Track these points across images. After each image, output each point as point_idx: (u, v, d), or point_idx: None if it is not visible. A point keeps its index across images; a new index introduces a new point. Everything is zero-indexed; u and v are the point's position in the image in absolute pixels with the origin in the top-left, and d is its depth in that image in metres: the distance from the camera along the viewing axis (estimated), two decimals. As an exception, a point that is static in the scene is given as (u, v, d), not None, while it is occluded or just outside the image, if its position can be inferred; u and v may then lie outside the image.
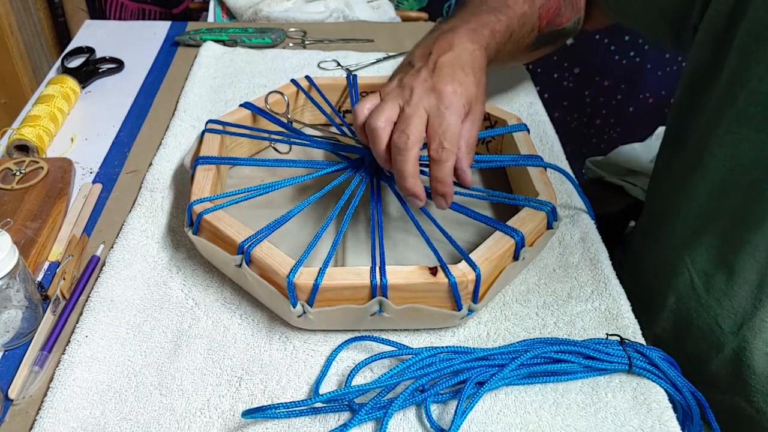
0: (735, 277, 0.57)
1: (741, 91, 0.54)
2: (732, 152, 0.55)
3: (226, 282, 0.55)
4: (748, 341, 0.56)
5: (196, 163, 0.59)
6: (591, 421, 0.46)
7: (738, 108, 0.55)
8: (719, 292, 0.58)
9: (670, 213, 0.65)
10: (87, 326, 0.51)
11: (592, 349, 0.48)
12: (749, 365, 0.56)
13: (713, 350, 0.59)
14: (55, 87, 0.77)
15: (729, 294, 0.57)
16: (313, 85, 0.71)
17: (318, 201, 0.58)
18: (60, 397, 0.46)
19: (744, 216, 0.55)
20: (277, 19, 1.02)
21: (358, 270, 0.48)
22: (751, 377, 0.56)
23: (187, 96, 0.78)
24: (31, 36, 1.47)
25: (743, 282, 0.56)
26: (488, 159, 0.62)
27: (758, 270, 0.55)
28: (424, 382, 0.46)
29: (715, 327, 0.59)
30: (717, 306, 0.58)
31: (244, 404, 0.46)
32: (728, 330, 0.58)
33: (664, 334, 0.65)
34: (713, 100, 0.58)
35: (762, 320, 0.55)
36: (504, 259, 0.51)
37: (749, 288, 0.56)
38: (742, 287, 0.56)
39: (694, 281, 0.60)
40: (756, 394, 0.57)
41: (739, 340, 0.57)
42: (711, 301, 0.59)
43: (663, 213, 0.67)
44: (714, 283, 0.59)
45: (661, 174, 0.69)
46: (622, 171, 0.95)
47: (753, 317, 0.56)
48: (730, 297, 0.57)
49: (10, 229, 0.58)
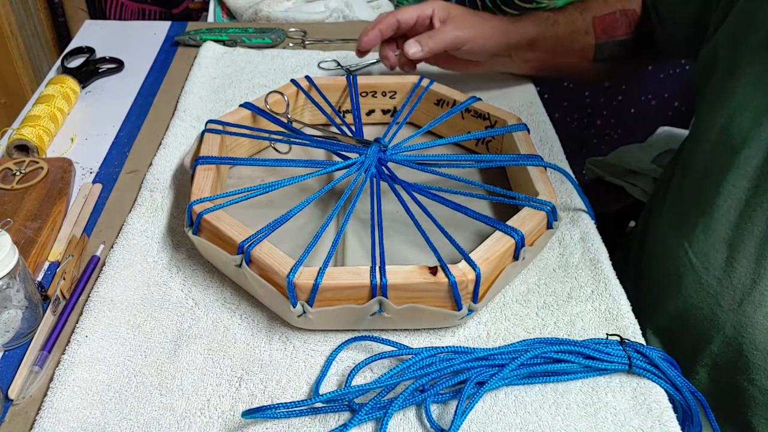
0: (735, 254, 0.57)
1: (736, 72, 0.58)
2: (725, 130, 0.58)
3: (226, 282, 0.55)
4: (749, 316, 0.56)
5: (196, 163, 0.59)
6: (591, 421, 0.46)
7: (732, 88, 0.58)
8: (719, 270, 0.58)
9: (671, 201, 0.66)
10: (87, 326, 0.51)
11: (592, 349, 0.48)
12: (751, 341, 0.56)
13: (714, 330, 0.59)
14: (55, 87, 0.77)
15: (728, 271, 0.58)
16: (313, 85, 0.71)
17: (318, 201, 0.58)
18: (60, 397, 0.46)
19: (739, 193, 0.56)
20: (277, 19, 1.02)
21: (358, 270, 0.48)
22: (753, 353, 0.56)
23: (187, 96, 0.78)
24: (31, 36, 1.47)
25: (742, 257, 0.57)
26: (488, 159, 0.62)
27: (756, 244, 0.55)
28: (424, 382, 0.46)
29: (715, 306, 0.59)
30: (717, 285, 0.59)
31: (244, 404, 0.46)
32: (728, 308, 0.58)
33: (665, 324, 0.65)
34: (712, 82, 0.61)
35: (761, 293, 0.55)
36: (504, 258, 0.51)
37: (748, 263, 0.56)
38: (741, 263, 0.57)
39: (693, 263, 0.61)
40: (758, 372, 0.57)
41: (740, 316, 0.57)
42: (711, 280, 0.59)
43: (663, 201, 0.68)
44: (713, 261, 0.59)
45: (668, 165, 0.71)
46: (623, 171, 0.95)
47: (753, 291, 0.56)
48: (730, 274, 0.58)
49: (10, 229, 0.58)
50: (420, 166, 0.60)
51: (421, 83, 0.72)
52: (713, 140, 0.60)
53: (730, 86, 0.59)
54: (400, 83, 0.73)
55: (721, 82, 0.61)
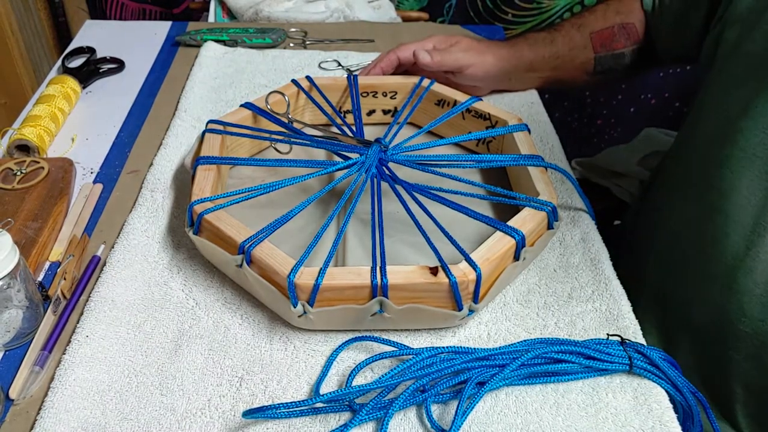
0: (728, 222, 0.57)
1: (732, 53, 0.60)
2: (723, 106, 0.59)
3: (227, 282, 0.55)
4: (738, 281, 0.56)
5: (197, 163, 0.59)
6: (592, 421, 0.46)
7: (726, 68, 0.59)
8: (711, 240, 0.58)
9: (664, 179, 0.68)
10: (88, 326, 0.51)
11: (593, 350, 0.48)
12: (740, 308, 0.56)
13: (700, 300, 0.59)
14: (55, 87, 0.77)
15: (722, 239, 0.58)
16: (314, 85, 0.71)
17: (318, 201, 0.58)
18: (60, 397, 0.46)
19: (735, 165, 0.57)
20: (277, 19, 1.02)
21: (359, 270, 0.48)
22: (741, 320, 0.56)
23: (187, 96, 0.78)
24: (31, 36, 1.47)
25: (736, 226, 0.56)
26: (489, 159, 0.62)
27: (752, 214, 0.55)
28: (424, 383, 0.46)
29: (705, 276, 0.59)
30: (709, 254, 0.59)
31: (244, 404, 0.46)
32: (718, 275, 0.58)
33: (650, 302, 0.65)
34: (715, 64, 0.63)
35: (753, 259, 0.55)
36: (505, 259, 0.51)
37: (743, 231, 0.56)
38: (735, 230, 0.57)
39: (685, 234, 0.61)
40: (744, 340, 0.56)
41: (730, 283, 0.57)
42: (705, 247, 0.59)
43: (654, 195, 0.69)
44: (705, 231, 0.59)
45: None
46: (608, 173, 0.95)
47: (745, 258, 0.56)
48: (723, 242, 0.57)
49: (10, 229, 0.58)
50: (421, 167, 0.60)
51: (421, 83, 0.72)
52: (711, 115, 0.61)
53: (730, 64, 0.60)
54: (401, 83, 0.73)
55: (721, 62, 0.62)
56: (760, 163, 0.55)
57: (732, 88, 0.59)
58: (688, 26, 0.71)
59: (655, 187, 0.72)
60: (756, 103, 0.55)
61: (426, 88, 0.71)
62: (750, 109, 0.56)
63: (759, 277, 0.55)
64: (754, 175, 0.56)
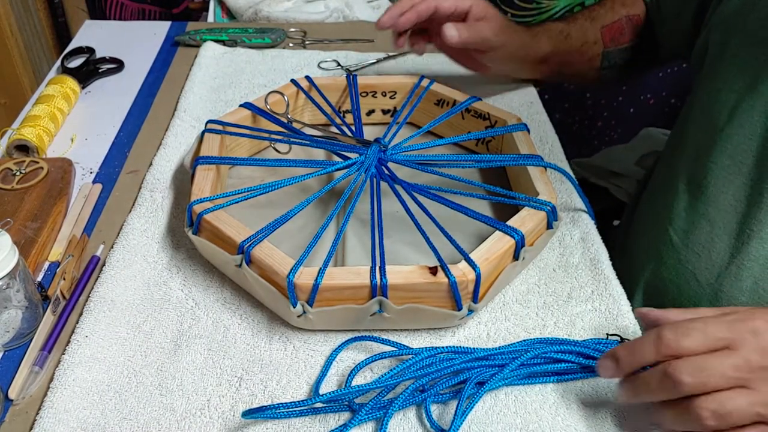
0: (715, 230, 0.57)
1: (724, 54, 0.60)
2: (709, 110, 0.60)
3: (226, 282, 0.55)
4: (724, 289, 0.57)
5: (196, 163, 0.59)
6: (591, 421, 0.46)
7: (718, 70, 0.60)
8: (699, 246, 0.59)
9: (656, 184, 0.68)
10: (87, 326, 0.51)
11: (593, 349, 0.48)
12: None
13: (690, 305, 0.60)
14: (55, 87, 0.77)
15: (708, 247, 0.58)
16: (313, 85, 0.71)
17: (318, 201, 0.58)
18: (60, 397, 0.46)
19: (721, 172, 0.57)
20: (277, 19, 1.02)
21: (358, 270, 0.48)
22: None
23: (187, 96, 0.78)
24: (31, 36, 1.47)
25: (723, 234, 0.57)
26: (488, 159, 0.62)
27: (738, 221, 0.56)
28: (424, 382, 0.46)
29: (693, 282, 0.59)
30: (696, 260, 0.59)
31: (244, 404, 0.46)
32: (705, 282, 0.58)
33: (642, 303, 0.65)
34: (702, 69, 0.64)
35: (738, 267, 0.56)
36: (504, 258, 0.51)
37: (728, 238, 0.57)
38: (721, 239, 0.57)
39: (674, 241, 0.61)
40: None
41: (716, 291, 0.57)
42: (690, 256, 0.60)
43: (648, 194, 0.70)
44: (693, 238, 0.59)
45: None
46: (606, 173, 0.95)
47: (730, 265, 0.56)
48: (709, 249, 0.58)
49: (10, 229, 0.58)
50: (420, 166, 0.60)
51: (421, 83, 0.72)
52: (698, 120, 0.61)
53: (717, 68, 0.60)
54: (400, 83, 0.73)
55: (709, 66, 0.62)
56: (746, 171, 0.55)
57: (718, 93, 0.59)
58: (681, 23, 0.72)
59: (648, 188, 0.72)
60: (742, 110, 0.56)
61: (425, 88, 0.71)
62: (736, 116, 0.56)
63: (744, 284, 0.55)
64: (740, 182, 0.56)
